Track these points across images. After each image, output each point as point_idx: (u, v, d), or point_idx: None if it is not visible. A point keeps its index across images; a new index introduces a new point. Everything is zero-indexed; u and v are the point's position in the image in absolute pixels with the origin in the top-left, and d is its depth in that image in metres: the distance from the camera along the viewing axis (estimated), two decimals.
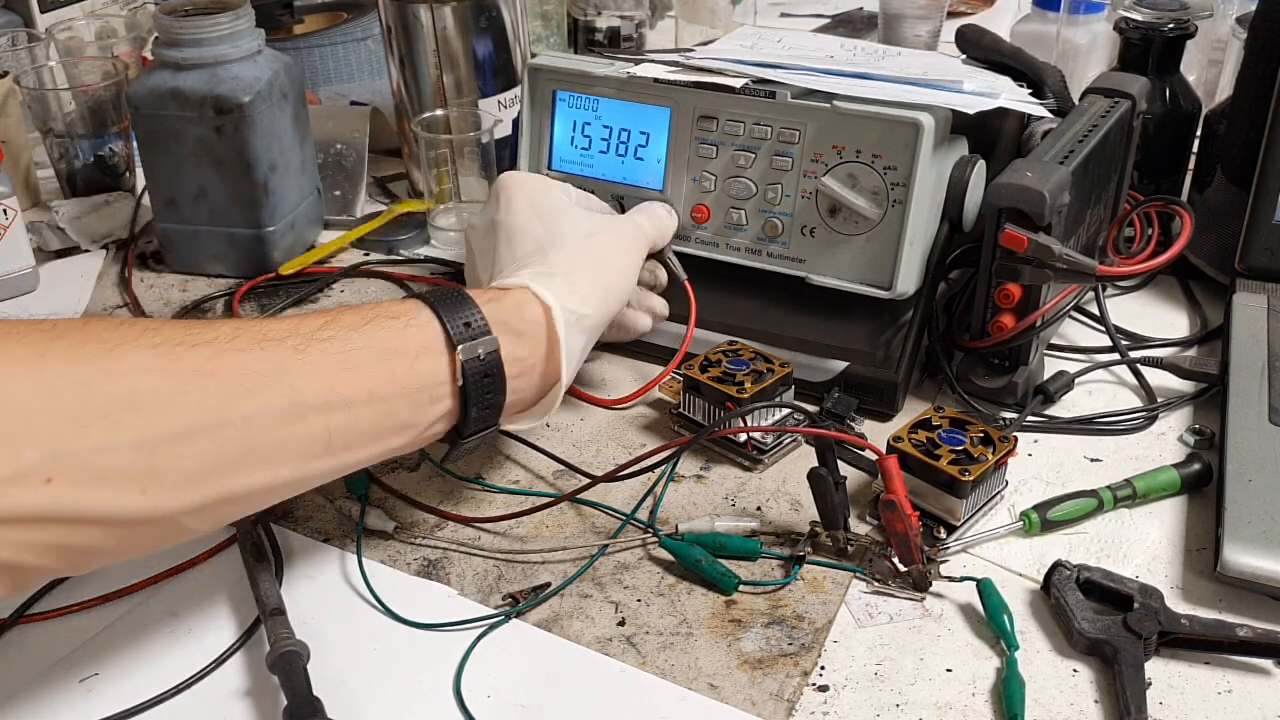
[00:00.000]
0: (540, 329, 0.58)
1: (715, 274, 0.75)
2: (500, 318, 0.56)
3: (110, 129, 0.99)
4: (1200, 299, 0.84)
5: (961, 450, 0.61)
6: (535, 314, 0.58)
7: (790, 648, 0.55)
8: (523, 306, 0.58)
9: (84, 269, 0.92)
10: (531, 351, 0.57)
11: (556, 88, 0.77)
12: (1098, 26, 1.06)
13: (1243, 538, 0.57)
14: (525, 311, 0.58)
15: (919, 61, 0.79)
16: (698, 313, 0.71)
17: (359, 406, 0.50)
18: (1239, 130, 0.82)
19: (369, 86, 1.15)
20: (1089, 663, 0.54)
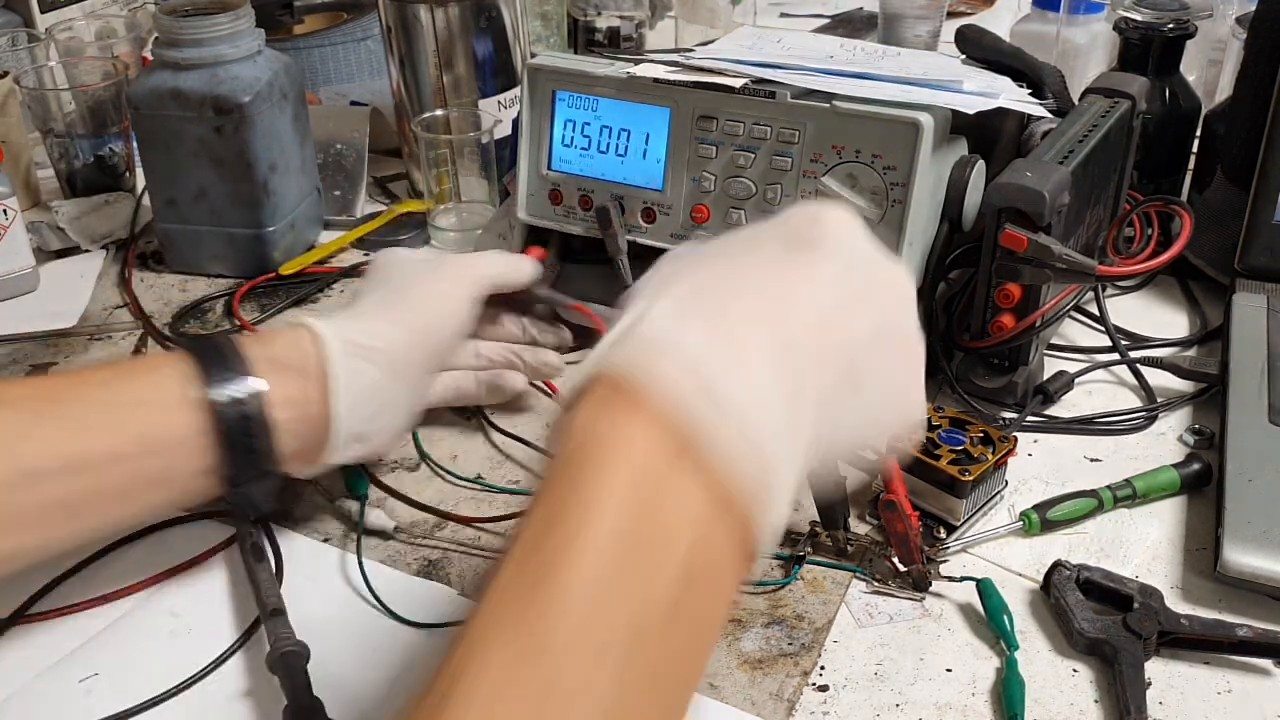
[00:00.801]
0: (312, 363, 0.54)
1: None
2: (267, 355, 0.53)
3: (110, 129, 0.99)
4: (1200, 299, 0.84)
5: (961, 450, 0.61)
6: (307, 348, 0.54)
7: (790, 647, 0.55)
8: (295, 343, 0.55)
9: (84, 269, 0.92)
10: (305, 391, 0.54)
11: (556, 88, 0.77)
12: (1097, 26, 1.06)
13: (1242, 538, 0.57)
14: (297, 347, 0.55)
15: (919, 61, 0.79)
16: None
17: (101, 468, 0.48)
18: (1239, 130, 0.82)
19: (369, 86, 1.15)
20: (1089, 663, 0.54)
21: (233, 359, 0.52)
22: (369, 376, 0.56)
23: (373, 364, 0.56)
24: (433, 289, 0.62)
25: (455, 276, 0.63)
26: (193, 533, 0.63)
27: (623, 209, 0.76)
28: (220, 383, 0.51)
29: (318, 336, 0.55)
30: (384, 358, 0.57)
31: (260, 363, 0.53)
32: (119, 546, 0.62)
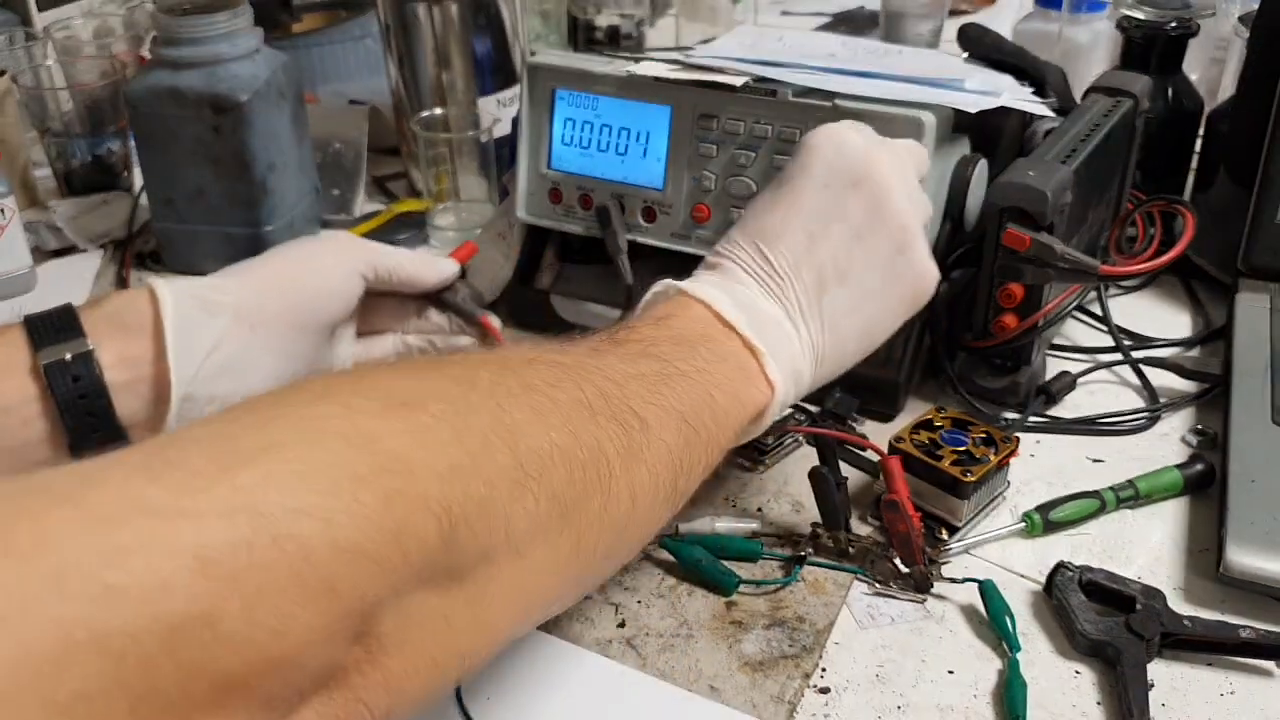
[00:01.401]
0: (147, 318, 0.52)
1: None
2: (100, 314, 0.52)
3: (108, 128, 0.99)
4: (1203, 299, 0.84)
5: (963, 451, 0.60)
6: (143, 305, 0.53)
7: (791, 649, 0.55)
8: (131, 300, 0.53)
9: (82, 269, 0.92)
10: (142, 348, 0.52)
11: (556, 86, 0.76)
12: (1100, 25, 1.05)
13: (1246, 539, 0.56)
14: (133, 304, 0.53)
15: (920, 60, 0.78)
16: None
17: None
18: (1242, 129, 0.82)
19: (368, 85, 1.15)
20: (1091, 664, 0.54)
21: (65, 323, 0.50)
22: (212, 330, 0.54)
23: (217, 316, 0.54)
24: (308, 255, 0.60)
25: (340, 249, 0.61)
26: None
27: (623, 208, 0.76)
28: (49, 345, 0.49)
29: (155, 293, 0.53)
30: (230, 309, 0.55)
31: (96, 323, 0.51)
32: None
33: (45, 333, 0.50)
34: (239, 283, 0.56)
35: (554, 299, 0.80)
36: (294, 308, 0.57)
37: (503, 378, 0.40)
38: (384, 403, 0.34)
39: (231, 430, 0.32)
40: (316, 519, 0.30)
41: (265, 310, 0.56)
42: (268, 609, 0.29)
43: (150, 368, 0.52)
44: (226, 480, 0.30)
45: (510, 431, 0.38)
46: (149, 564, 0.27)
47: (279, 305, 0.56)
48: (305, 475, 0.31)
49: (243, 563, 0.28)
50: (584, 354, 0.45)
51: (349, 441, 0.32)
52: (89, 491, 0.29)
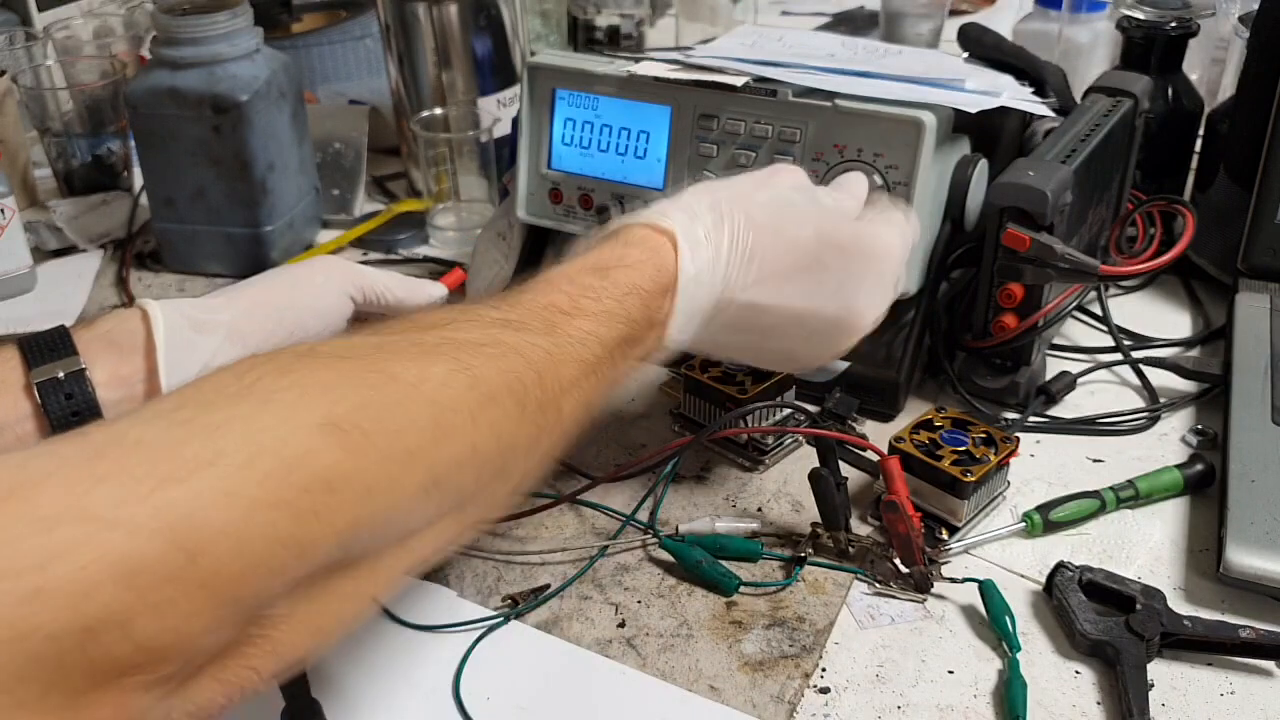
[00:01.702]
0: (140, 339, 0.53)
1: None
2: (97, 334, 0.52)
3: (108, 128, 0.99)
4: (1203, 299, 0.84)
5: (963, 451, 0.60)
6: (135, 325, 0.53)
7: (791, 649, 0.55)
8: (124, 321, 0.53)
9: (82, 269, 0.92)
10: (135, 367, 0.52)
11: (556, 86, 0.76)
12: (1100, 25, 1.05)
13: (1245, 539, 0.56)
14: (125, 325, 0.53)
15: (920, 60, 0.78)
16: None
17: None
18: (1242, 129, 0.82)
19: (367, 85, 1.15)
20: (1091, 664, 0.54)
21: (58, 342, 0.51)
22: (203, 349, 0.54)
23: (209, 335, 0.55)
24: (299, 275, 0.60)
25: (331, 271, 0.62)
26: None
27: (623, 208, 0.76)
28: (42, 364, 0.50)
29: (147, 314, 0.54)
30: (223, 328, 0.55)
31: (89, 343, 0.52)
32: None
33: (39, 351, 0.50)
34: (230, 302, 0.57)
35: None
36: (284, 328, 0.58)
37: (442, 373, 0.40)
38: (324, 415, 0.36)
39: (180, 435, 0.34)
40: (233, 539, 0.32)
41: (256, 330, 0.56)
42: (176, 613, 0.31)
43: (143, 386, 0.53)
44: (162, 495, 0.31)
45: (435, 443, 0.39)
46: (78, 570, 0.29)
47: (270, 325, 0.57)
48: (233, 496, 0.33)
49: (160, 575, 0.31)
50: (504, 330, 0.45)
51: (282, 460, 0.34)
52: (35, 488, 0.30)
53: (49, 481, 0.31)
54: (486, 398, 0.41)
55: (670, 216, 0.52)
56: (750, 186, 0.56)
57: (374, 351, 0.40)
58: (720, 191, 0.55)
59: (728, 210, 0.53)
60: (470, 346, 0.42)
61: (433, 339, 0.41)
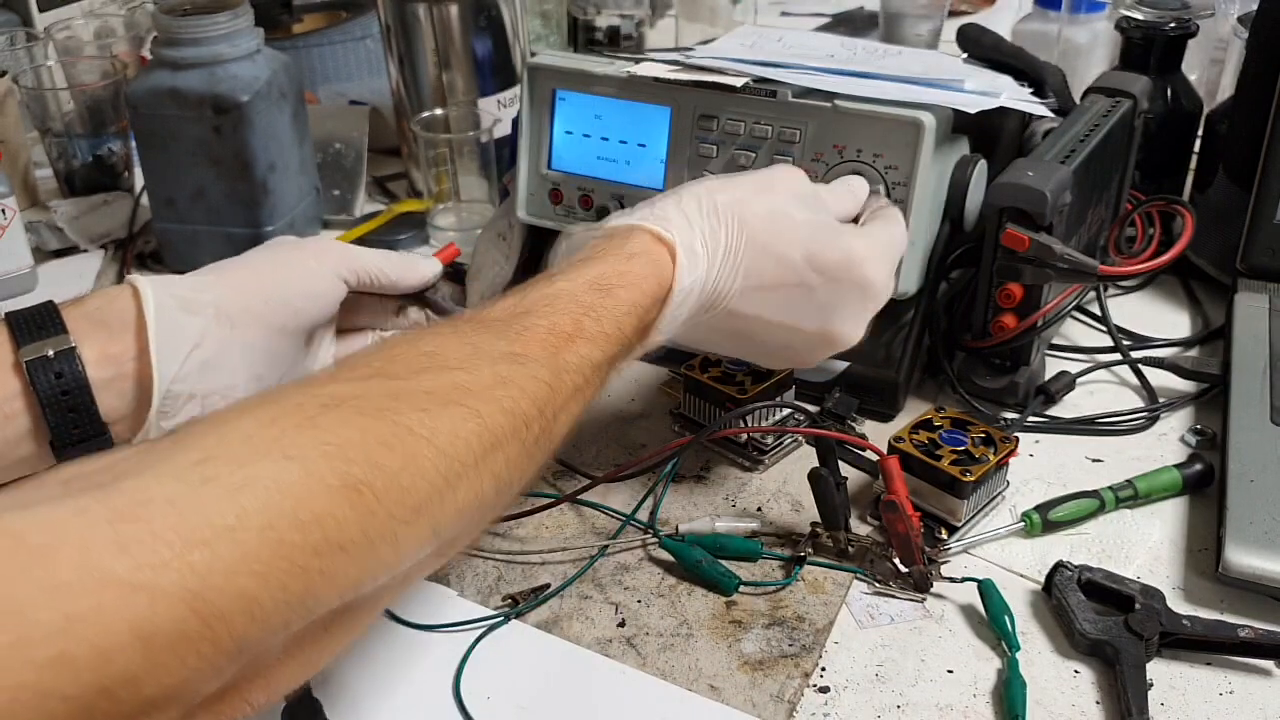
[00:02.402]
0: (130, 316, 0.52)
1: None
2: (85, 312, 0.52)
3: (109, 128, 0.99)
4: (1202, 299, 0.84)
5: (963, 451, 0.60)
6: (125, 303, 0.53)
7: (791, 649, 0.55)
8: (113, 299, 0.53)
9: (82, 269, 0.92)
10: (124, 346, 0.52)
11: (556, 87, 0.77)
12: (1099, 25, 1.05)
13: (1244, 538, 0.56)
14: (115, 303, 0.53)
15: (920, 60, 0.78)
16: None
17: None
18: (1241, 130, 0.82)
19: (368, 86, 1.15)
20: (1090, 664, 0.54)
21: (46, 320, 0.51)
22: (193, 328, 0.54)
23: (198, 315, 0.54)
24: (289, 258, 0.60)
25: (323, 252, 0.61)
26: None
27: (623, 208, 0.76)
28: (31, 342, 0.50)
29: (136, 291, 0.53)
30: (211, 308, 0.55)
31: (77, 321, 0.51)
32: None
33: (27, 329, 0.50)
34: (220, 280, 0.56)
35: None
36: (275, 308, 0.57)
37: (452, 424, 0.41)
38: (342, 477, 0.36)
39: (205, 495, 0.34)
40: (247, 603, 0.33)
41: (247, 310, 0.56)
42: (186, 669, 0.32)
43: (132, 365, 0.52)
44: (184, 560, 0.32)
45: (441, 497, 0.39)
46: (99, 634, 0.30)
47: (260, 305, 0.56)
48: (249, 561, 0.33)
49: (176, 638, 0.32)
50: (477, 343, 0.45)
51: (300, 523, 0.35)
52: (61, 550, 0.31)
53: (75, 543, 0.31)
54: (492, 445, 0.41)
55: (672, 225, 0.52)
56: (750, 191, 0.56)
57: (391, 402, 0.40)
58: (720, 195, 0.55)
59: (725, 218, 0.54)
60: (481, 392, 0.42)
61: (446, 386, 0.41)
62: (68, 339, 0.50)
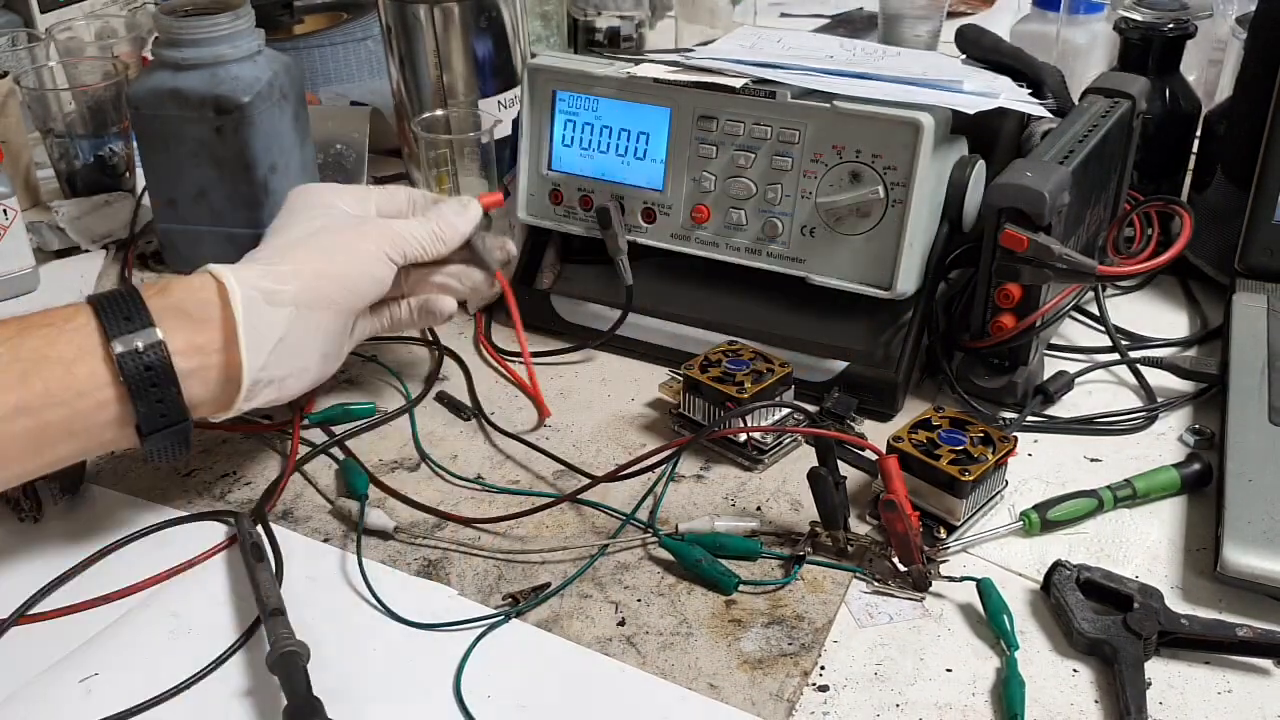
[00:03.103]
0: (215, 309, 0.55)
1: (715, 274, 0.75)
2: (169, 304, 0.54)
3: (110, 129, 0.99)
4: (1200, 299, 0.84)
5: (961, 450, 0.61)
6: (209, 295, 0.55)
7: (790, 648, 0.55)
8: (197, 290, 0.55)
9: (84, 269, 0.92)
10: (209, 338, 0.55)
11: (556, 88, 0.77)
12: (1097, 26, 1.06)
13: (1243, 538, 0.57)
14: (199, 294, 0.55)
15: (919, 61, 0.79)
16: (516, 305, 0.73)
17: (6, 422, 0.50)
18: (1239, 130, 0.82)
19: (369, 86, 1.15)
20: (1089, 663, 0.54)
21: (135, 310, 0.53)
22: (277, 321, 0.57)
23: (281, 308, 0.57)
24: (352, 243, 0.63)
25: (379, 238, 0.64)
26: (193, 533, 0.63)
27: (623, 209, 0.76)
28: (122, 334, 0.52)
29: (223, 285, 0.55)
30: (292, 302, 0.58)
31: (163, 312, 0.53)
32: (119, 546, 0.62)
33: (115, 320, 0.52)
34: (297, 271, 0.59)
35: (554, 299, 0.80)
36: (346, 295, 0.61)
37: None
38: None
39: None
40: None
41: (320, 301, 0.59)
42: None
43: (218, 356, 0.55)
44: None
45: None
46: None
47: (332, 296, 0.60)
48: None
49: None
50: None
51: None
52: None
53: None
54: None
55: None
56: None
57: None
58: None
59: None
60: None
61: None
62: (156, 332, 0.53)
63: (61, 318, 0.53)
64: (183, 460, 0.64)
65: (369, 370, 0.78)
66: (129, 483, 0.67)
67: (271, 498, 0.65)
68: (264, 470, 0.68)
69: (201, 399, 0.56)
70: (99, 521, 0.63)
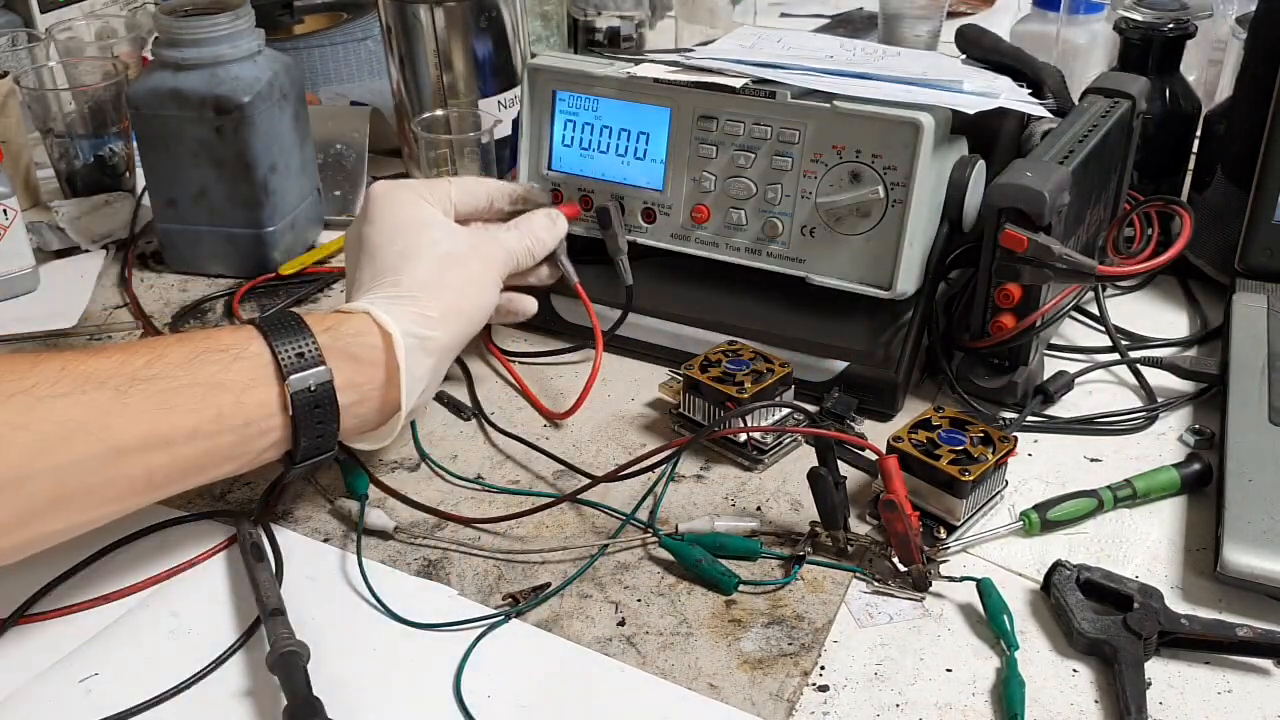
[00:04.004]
0: (379, 354, 0.58)
1: (715, 274, 0.75)
2: (338, 345, 0.57)
3: (110, 129, 0.99)
4: (1200, 299, 0.84)
5: (961, 450, 0.61)
6: (374, 340, 0.58)
7: (790, 648, 0.55)
8: (362, 334, 0.58)
9: (84, 269, 0.92)
10: (370, 378, 0.58)
11: (556, 88, 0.77)
12: (1097, 26, 1.06)
13: (1243, 537, 0.57)
14: (365, 338, 0.58)
15: (919, 61, 0.79)
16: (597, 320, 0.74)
17: (180, 445, 0.52)
18: (1239, 130, 0.82)
19: (369, 86, 1.15)
20: (1089, 663, 0.54)
21: (307, 347, 0.55)
22: (427, 367, 0.61)
23: (431, 356, 0.61)
24: (477, 275, 0.66)
25: (491, 261, 0.67)
26: (193, 533, 0.63)
27: (623, 209, 0.76)
28: (296, 370, 0.55)
29: (387, 333, 0.58)
30: (440, 345, 0.61)
31: (327, 349, 0.56)
32: (119, 546, 0.62)
33: (288, 355, 0.55)
34: (442, 318, 0.62)
35: (555, 300, 0.80)
36: (472, 330, 0.65)
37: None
38: None
39: None
40: None
41: (458, 341, 0.64)
42: None
43: (375, 393, 0.58)
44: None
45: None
46: None
47: (466, 333, 0.64)
48: None
49: None
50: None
51: None
52: None
53: None
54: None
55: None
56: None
57: None
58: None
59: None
60: None
61: None
62: (327, 372, 0.55)
63: (233, 343, 0.55)
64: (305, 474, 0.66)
65: None
66: None
67: (272, 498, 0.65)
68: (264, 470, 0.68)
69: (352, 430, 0.59)
70: None
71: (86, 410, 0.49)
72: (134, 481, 0.51)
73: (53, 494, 0.49)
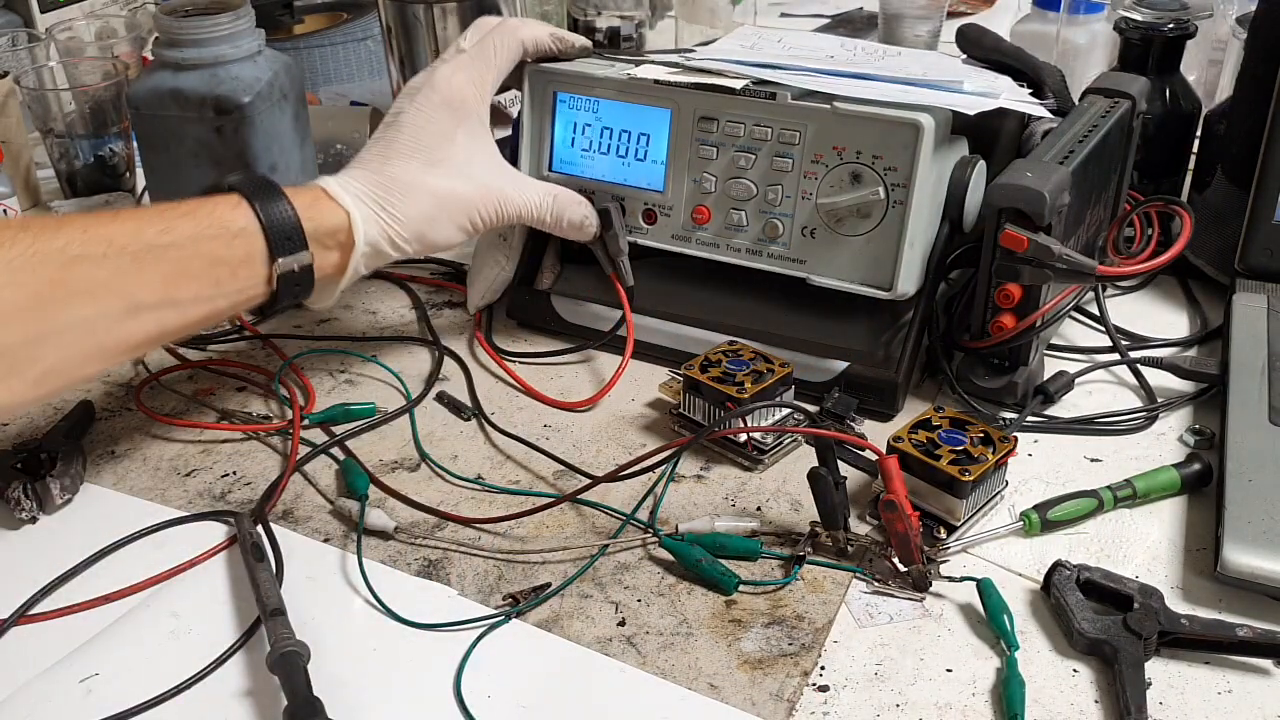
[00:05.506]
0: (340, 248, 0.65)
1: (716, 275, 0.75)
2: (316, 235, 0.63)
3: (110, 129, 0.99)
4: (1200, 299, 0.84)
5: (961, 450, 0.61)
6: (342, 237, 0.65)
7: (790, 648, 0.55)
8: (337, 232, 0.65)
9: None
10: (329, 261, 0.65)
11: (557, 89, 0.77)
12: (1098, 26, 1.06)
13: (1243, 538, 0.57)
14: (337, 236, 0.65)
15: (919, 62, 0.79)
16: (630, 306, 0.75)
17: (188, 305, 0.59)
18: (1239, 130, 0.82)
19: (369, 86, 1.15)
20: (1089, 663, 0.54)
21: (294, 233, 0.62)
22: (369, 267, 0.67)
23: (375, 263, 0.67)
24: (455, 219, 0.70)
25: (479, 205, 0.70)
26: (193, 533, 0.63)
27: (624, 210, 0.76)
28: (285, 254, 0.62)
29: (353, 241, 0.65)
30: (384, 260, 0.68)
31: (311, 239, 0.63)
32: (119, 547, 0.62)
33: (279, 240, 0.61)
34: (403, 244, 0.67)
35: (555, 300, 0.80)
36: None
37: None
38: None
39: None
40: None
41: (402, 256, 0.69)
42: None
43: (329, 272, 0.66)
44: None
45: None
46: None
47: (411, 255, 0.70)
48: None
49: None
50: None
51: None
52: None
53: None
54: None
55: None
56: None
57: None
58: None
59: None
60: None
61: None
62: (309, 256, 0.63)
63: (231, 220, 0.61)
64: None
65: (369, 370, 0.78)
66: (129, 483, 0.67)
67: (272, 498, 0.65)
68: (264, 470, 0.68)
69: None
70: (99, 521, 0.64)
71: (110, 272, 0.55)
72: (148, 333, 0.58)
73: (88, 344, 0.55)
